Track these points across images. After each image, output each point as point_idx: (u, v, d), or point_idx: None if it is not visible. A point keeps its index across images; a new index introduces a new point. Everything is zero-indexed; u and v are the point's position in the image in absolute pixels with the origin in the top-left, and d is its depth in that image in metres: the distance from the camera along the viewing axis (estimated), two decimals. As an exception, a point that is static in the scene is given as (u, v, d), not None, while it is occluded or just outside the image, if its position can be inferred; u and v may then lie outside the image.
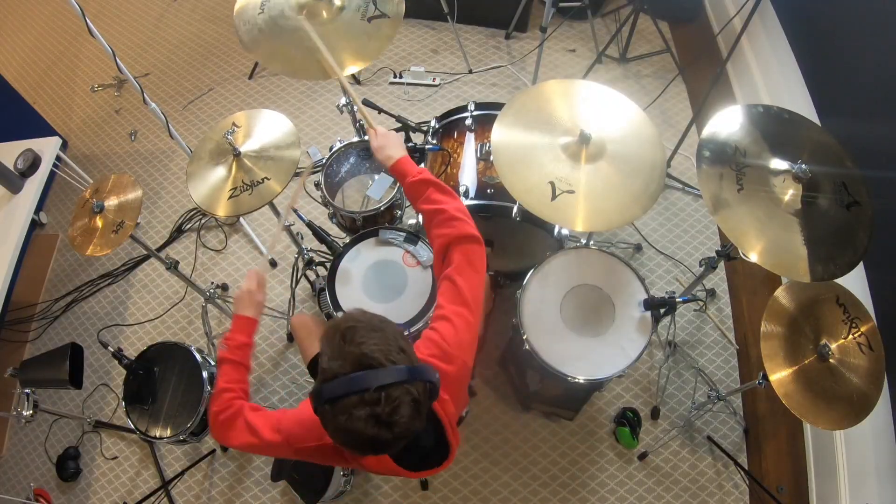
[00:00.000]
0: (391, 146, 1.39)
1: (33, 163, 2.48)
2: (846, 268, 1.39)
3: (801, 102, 2.33)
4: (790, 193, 1.44)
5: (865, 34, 2.07)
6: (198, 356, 1.91)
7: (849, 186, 1.45)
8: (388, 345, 0.95)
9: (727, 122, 1.52)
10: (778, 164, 1.47)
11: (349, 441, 0.94)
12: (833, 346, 1.51)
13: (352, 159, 2.14)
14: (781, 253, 1.40)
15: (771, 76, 2.65)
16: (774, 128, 1.53)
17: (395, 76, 3.11)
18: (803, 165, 1.43)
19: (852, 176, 1.46)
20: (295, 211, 1.94)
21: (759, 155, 1.49)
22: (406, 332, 1.63)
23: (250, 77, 3.26)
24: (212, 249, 2.76)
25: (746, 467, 2.13)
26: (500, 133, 1.62)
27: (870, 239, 1.41)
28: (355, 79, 3.12)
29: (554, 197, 1.52)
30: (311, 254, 2.32)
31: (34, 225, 2.87)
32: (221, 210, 1.75)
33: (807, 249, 1.40)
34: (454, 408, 1.18)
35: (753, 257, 1.38)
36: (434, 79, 3.09)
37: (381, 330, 0.98)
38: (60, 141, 2.66)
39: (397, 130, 2.80)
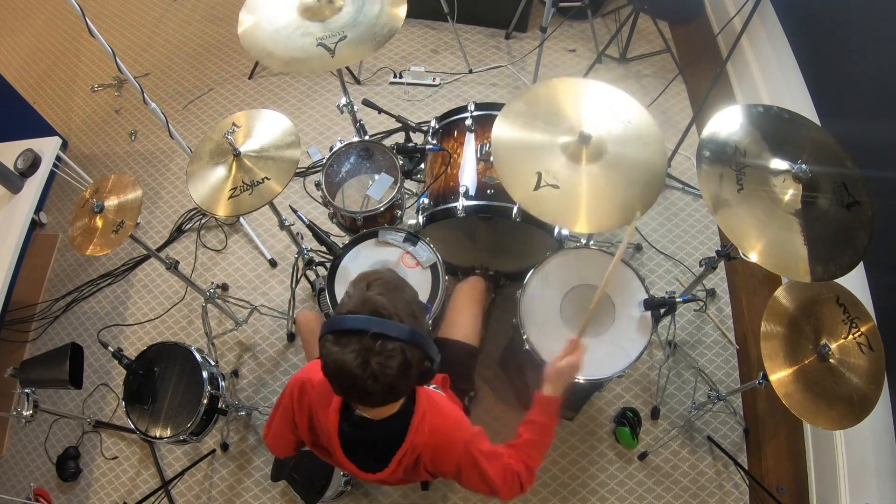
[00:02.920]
0: (566, 381, 1.34)
1: (33, 163, 2.48)
2: (846, 268, 1.39)
3: (801, 102, 2.33)
4: (790, 193, 1.44)
5: (866, 34, 2.07)
6: (198, 356, 1.91)
7: (849, 186, 1.44)
8: (402, 304, 1.02)
9: (727, 122, 1.52)
10: (778, 164, 1.47)
11: (336, 374, 1.00)
12: (833, 346, 1.51)
13: (352, 159, 2.14)
14: (781, 253, 1.40)
15: (771, 76, 2.65)
16: (774, 128, 1.53)
17: (395, 76, 3.11)
18: (803, 165, 1.42)
19: (852, 176, 1.46)
20: (294, 211, 1.94)
21: (760, 155, 1.48)
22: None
23: (250, 77, 3.26)
24: (212, 249, 2.76)
25: (746, 467, 2.13)
26: (502, 129, 1.62)
27: (870, 239, 1.40)
28: (355, 78, 3.12)
29: (537, 187, 1.51)
30: (311, 254, 2.32)
31: (34, 225, 2.87)
32: (221, 210, 1.75)
33: (807, 249, 1.40)
34: (422, 438, 1.18)
35: (753, 257, 1.38)
36: (434, 79, 3.09)
37: (401, 290, 1.05)
38: (60, 141, 2.66)
39: (397, 131, 2.84)
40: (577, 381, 1.63)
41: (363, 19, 1.81)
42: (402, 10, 1.82)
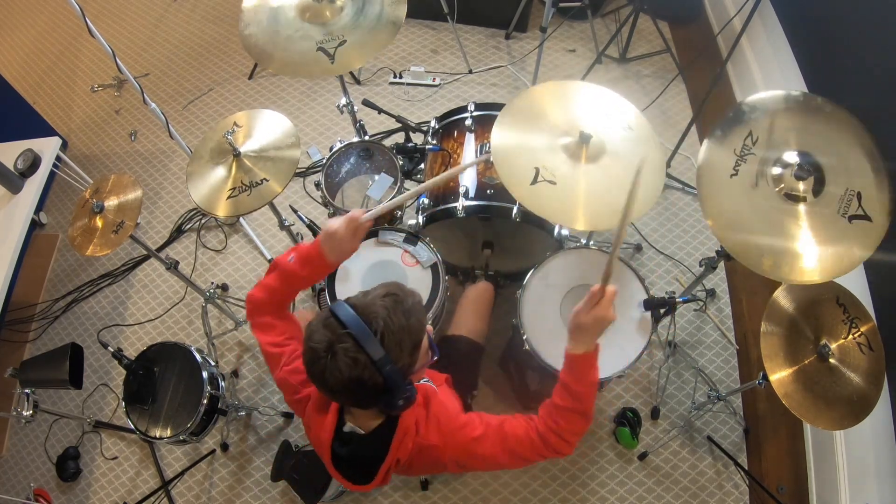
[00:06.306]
0: (593, 334, 1.18)
1: (33, 163, 2.48)
2: (846, 268, 1.39)
3: (801, 102, 2.33)
4: (795, 189, 1.42)
5: (866, 34, 2.07)
6: (198, 356, 1.91)
7: (863, 198, 1.39)
8: (396, 329, 1.00)
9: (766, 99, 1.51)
10: (789, 155, 1.45)
11: (306, 349, 1.01)
12: (833, 346, 1.51)
13: (352, 159, 2.14)
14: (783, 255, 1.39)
15: (771, 76, 2.65)
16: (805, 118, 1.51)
17: (395, 76, 3.11)
18: (806, 164, 1.41)
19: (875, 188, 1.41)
20: (294, 211, 1.94)
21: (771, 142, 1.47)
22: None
23: (250, 77, 3.26)
24: (212, 249, 2.76)
25: (746, 467, 2.13)
26: (502, 127, 1.62)
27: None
28: (355, 79, 3.12)
29: (534, 182, 1.51)
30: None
31: (34, 225, 2.87)
32: (221, 210, 1.75)
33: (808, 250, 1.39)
34: (405, 453, 1.16)
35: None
36: (434, 79, 3.09)
37: (407, 320, 1.02)
38: (60, 141, 2.66)
39: (397, 131, 2.84)
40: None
41: (363, 21, 1.81)
42: (403, 10, 1.82)
